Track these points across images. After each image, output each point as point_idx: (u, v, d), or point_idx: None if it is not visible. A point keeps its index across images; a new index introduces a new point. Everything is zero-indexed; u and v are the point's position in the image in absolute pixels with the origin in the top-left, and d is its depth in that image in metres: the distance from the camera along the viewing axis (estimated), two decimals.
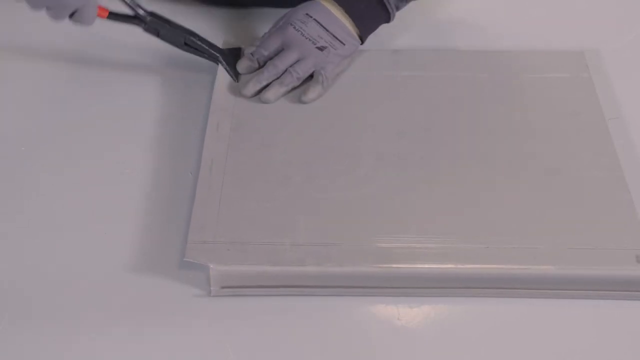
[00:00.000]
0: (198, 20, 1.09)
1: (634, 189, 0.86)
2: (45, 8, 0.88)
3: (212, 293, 0.80)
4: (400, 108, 0.96)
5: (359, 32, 0.99)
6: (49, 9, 0.88)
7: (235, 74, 0.99)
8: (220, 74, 0.99)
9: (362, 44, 1.00)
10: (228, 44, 1.04)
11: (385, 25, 1.01)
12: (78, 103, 0.99)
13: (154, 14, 0.97)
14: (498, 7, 1.13)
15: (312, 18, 0.97)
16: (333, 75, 0.98)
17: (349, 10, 0.98)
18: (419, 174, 0.88)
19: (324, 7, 0.98)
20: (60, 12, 0.88)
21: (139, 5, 0.96)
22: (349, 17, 0.98)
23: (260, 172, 0.88)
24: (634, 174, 0.88)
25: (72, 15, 0.89)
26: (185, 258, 0.80)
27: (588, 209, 0.84)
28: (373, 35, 1.00)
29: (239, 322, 0.79)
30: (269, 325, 0.79)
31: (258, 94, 0.96)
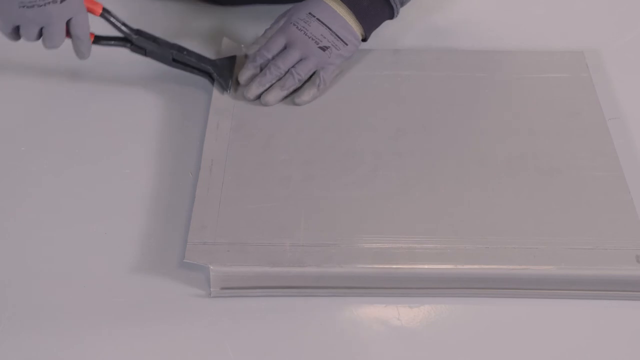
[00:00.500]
0: (197, 19, 1.09)
1: (634, 189, 0.86)
2: (24, 26, 0.88)
3: (212, 294, 0.80)
4: (400, 108, 0.96)
5: (362, 29, 0.98)
6: (26, 27, 0.87)
7: (228, 85, 0.97)
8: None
9: (365, 41, 0.99)
10: (227, 43, 1.04)
11: (386, 25, 1.01)
12: (78, 103, 0.99)
13: (141, 32, 0.95)
14: (498, 7, 1.13)
15: (315, 17, 0.96)
16: (331, 78, 0.97)
17: (353, 8, 0.96)
18: (419, 174, 0.88)
19: (327, 5, 0.97)
20: (37, 27, 0.87)
21: (125, 24, 0.94)
22: (353, 14, 0.97)
23: (260, 172, 0.88)
24: (634, 174, 0.88)
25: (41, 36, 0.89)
26: (185, 259, 0.80)
27: (588, 209, 0.84)
28: (374, 35, 1.00)
29: (239, 322, 0.79)
30: (269, 326, 0.79)
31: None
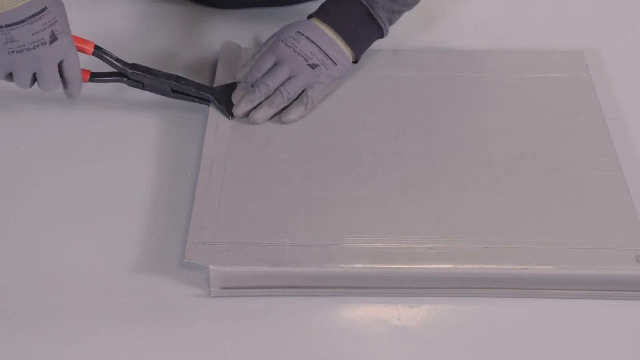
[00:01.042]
0: (197, 22, 1.09)
1: (634, 189, 0.86)
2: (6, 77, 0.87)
3: (212, 294, 0.80)
4: (400, 108, 0.96)
5: (352, 51, 0.96)
6: (19, 73, 0.86)
7: (230, 112, 0.94)
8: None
9: (356, 63, 0.98)
10: (227, 44, 1.04)
11: None
12: (78, 103, 0.99)
13: (137, 66, 0.94)
14: (498, 7, 1.13)
15: (304, 35, 0.95)
16: (320, 97, 0.95)
17: (340, 31, 0.95)
18: (419, 174, 0.88)
19: (316, 26, 0.96)
20: (30, 71, 0.86)
21: (120, 60, 0.93)
22: (341, 37, 0.95)
23: (260, 172, 0.88)
24: (634, 174, 0.88)
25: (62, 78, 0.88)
26: (185, 259, 0.80)
27: (588, 209, 0.84)
28: None
29: (239, 322, 0.79)
30: (269, 326, 0.79)
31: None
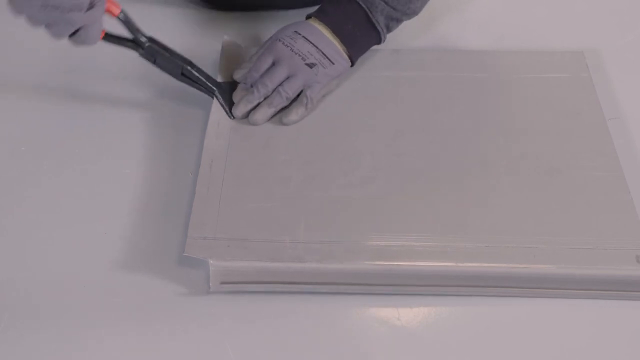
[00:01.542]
0: (198, 24, 1.09)
1: (634, 189, 0.86)
2: (45, 25, 0.82)
3: (211, 289, 0.80)
4: (400, 108, 0.96)
5: (349, 52, 0.96)
6: (50, 26, 0.82)
7: (231, 109, 0.94)
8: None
9: (352, 66, 0.98)
10: (228, 42, 1.03)
11: None
12: (78, 102, 0.99)
13: (153, 40, 0.92)
14: (498, 7, 1.13)
15: (300, 35, 0.95)
16: (319, 97, 0.95)
17: (337, 31, 0.95)
18: (419, 175, 0.88)
19: (313, 26, 0.96)
20: (63, 29, 0.83)
21: (139, 30, 0.91)
22: (337, 37, 0.96)
23: (260, 171, 0.88)
24: (634, 174, 0.88)
25: (73, 34, 0.84)
26: (185, 253, 0.80)
27: (588, 209, 0.84)
28: None
29: (238, 320, 0.79)
30: (268, 325, 0.79)
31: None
